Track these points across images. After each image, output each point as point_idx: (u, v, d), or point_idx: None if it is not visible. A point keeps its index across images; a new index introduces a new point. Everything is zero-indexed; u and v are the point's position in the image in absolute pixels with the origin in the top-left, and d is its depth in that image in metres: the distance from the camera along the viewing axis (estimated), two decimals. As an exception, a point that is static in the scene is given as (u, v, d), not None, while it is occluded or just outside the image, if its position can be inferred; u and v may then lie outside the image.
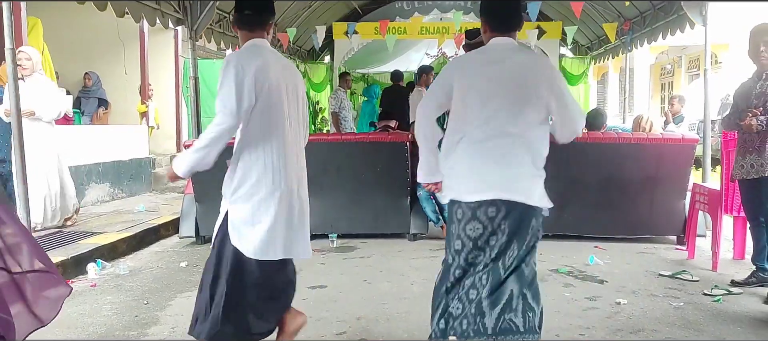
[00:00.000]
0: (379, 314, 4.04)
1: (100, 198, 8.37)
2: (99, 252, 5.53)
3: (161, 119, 11.50)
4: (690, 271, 5.00)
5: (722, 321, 3.89)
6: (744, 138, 4.43)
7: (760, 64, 4.38)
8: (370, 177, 6.25)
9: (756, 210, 4.51)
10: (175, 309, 4.24)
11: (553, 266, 5.28)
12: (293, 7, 10.83)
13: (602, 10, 10.44)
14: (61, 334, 3.74)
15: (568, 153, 6.06)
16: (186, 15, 7.45)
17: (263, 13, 3.11)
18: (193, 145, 3.08)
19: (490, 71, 2.92)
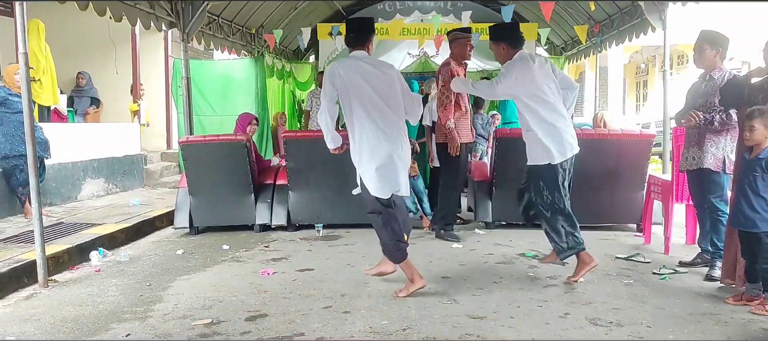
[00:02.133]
0: (362, 292, 4.50)
1: (96, 193, 8.75)
2: (100, 241, 5.93)
3: (152, 117, 11.87)
4: (644, 254, 5.52)
5: (665, 295, 4.38)
6: (688, 133, 4.95)
7: (704, 66, 4.89)
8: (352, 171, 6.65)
9: (699, 198, 5.02)
10: (176, 289, 4.66)
11: (521, 251, 5.77)
12: (279, 10, 11.24)
13: (573, 13, 10.96)
14: (74, 311, 4.16)
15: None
16: (178, 18, 7.85)
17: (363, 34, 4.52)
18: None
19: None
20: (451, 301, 4.25)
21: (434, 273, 5.00)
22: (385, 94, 4.35)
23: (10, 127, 6.57)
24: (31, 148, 4.67)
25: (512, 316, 3.93)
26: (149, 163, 10.76)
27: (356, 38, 4.48)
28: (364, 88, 4.29)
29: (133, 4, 6.94)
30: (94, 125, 10.04)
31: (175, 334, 3.68)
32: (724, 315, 3.94)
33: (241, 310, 4.10)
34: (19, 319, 4.02)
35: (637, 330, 3.67)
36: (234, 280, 4.88)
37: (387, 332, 3.66)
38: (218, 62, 12.29)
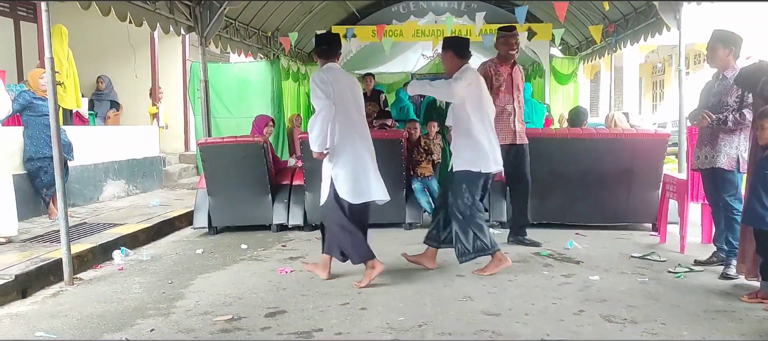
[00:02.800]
0: (378, 289, 4.58)
1: (117, 194, 8.92)
2: (122, 240, 6.08)
3: (170, 120, 12.05)
4: (659, 253, 5.55)
5: (680, 293, 4.42)
6: (701, 132, 4.98)
7: (717, 65, 4.91)
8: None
9: (714, 197, 5.04)
10: (197, 286, 4.77)
11: (535, 249, 5.82)
12: (295, 13, 11.35)
13: (588, 13, 10.96)
14: (99, 308, 4.28)
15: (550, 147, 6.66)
16: (196, 22, 7.98)
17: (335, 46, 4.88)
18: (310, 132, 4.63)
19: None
20: (466, 298, 4.31)
21: (449, 271, 5.07)
22: (358, 104, 4.83)
23: (35, 129, 6.74)
24: (57, 151, 4.81)
25: (527, 313, 3.99)
26: (168, 165, 10.93)
27: (330, 50, 4.84)
28: (346, 96, 4.67)
29: (153, 8, 7.08)
30: (114, 128, 10.23)
31: (197, 329, 3.78)
32: (739, 313, 3.97)
33: (260, 307, 4.19)
34: (48, 315, 4.15)
35: (652, 327, 3.71)
36: (253, 278, 4.98)
37: (403, 328, 3.73)
38: (234, 65, 12.44)
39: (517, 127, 5.94)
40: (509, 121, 5.90)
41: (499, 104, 5.78)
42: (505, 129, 5.87)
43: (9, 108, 5.93)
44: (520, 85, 6.01)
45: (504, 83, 5.86)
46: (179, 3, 7.64)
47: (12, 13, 10.08)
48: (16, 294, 4.59)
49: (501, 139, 5.68)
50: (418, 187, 6.99)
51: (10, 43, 10.00)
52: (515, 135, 5.95)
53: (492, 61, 5.98)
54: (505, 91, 5.87)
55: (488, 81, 5.71)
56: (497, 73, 5.85)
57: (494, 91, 5.74)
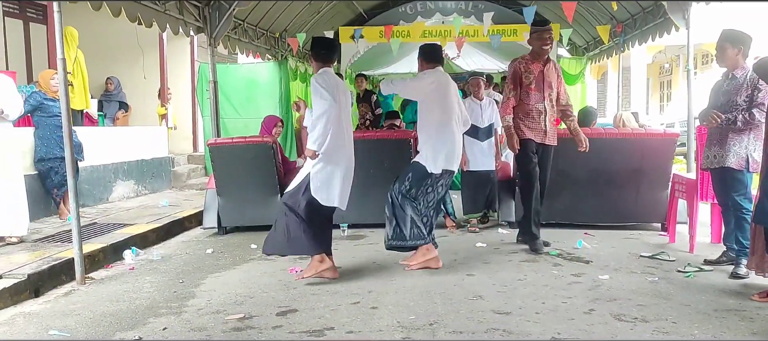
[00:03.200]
0: (388, 288, 4.59)
1: (126, 195, 8.97)
2: (132, 240, 6.12)
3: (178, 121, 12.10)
4: (669, 253, 5.54)
5: (690, 292, 4.41)
6: (710, 132, 4.97)
7: (726, 65, 4.91)
8: (377, 172, 6.76)
9: (723, 197, 5.03)
10: (208, 286, 4.80)
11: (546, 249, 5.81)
12: (303, 14, 11.40)
13: (596, 13, 10.96)
14: (111, 307, 4.31)
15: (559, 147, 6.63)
16: (206, 23, 8.03)
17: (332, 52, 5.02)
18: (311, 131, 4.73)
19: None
20: (476, 297, 4.32)
21: (459, 270, 5.08)
22: (348, 110, 4.99)
23: (45, 130, 6.79)
24: (69, 151, 4.85)
25: (537, 312, 3.99)
26: (176, 166, 10.98)
27: (328, 55, 4.96)
28: (341, 101, 4.79)
29: (163, 10, 7.13)
30: (123, 129, 10.29)
31: (210, 328, 3.81)
32: (749, 312, 3.96)
33: (271, 305, 4.22)
34: (61, 314, 4.18)
35: (663, 326, 3.71)
36: (263, 277, 5.00)
37: (414, 327, 3.75)
38: (242, 66, 12.48)
39: (547, 127, 5.72)
40: (539, 120, 5.69)
41: (530, 102, 5.66)
42: (535, 128, 5.71)
43: (21, 109, 5.97)
44: (553, 82, 5.77)
45: (534, 81, 5.67)
46: (189, 4, 7.69)
47: (21, 14, 10.15)
48: (29, 294, 4.64)
49: (534, 136, 5.70)
50: (426, 187, 7.00)
51: (19, 44, 10.07)
52: (545, 135, 5.75)
53: (523, 58, 5.82)
54: (536, 89, 5.68)
55: (517, 78, 5.65)
56: (527, 71, 5.70)
57: (524, 89, 5.65)
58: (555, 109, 5.83)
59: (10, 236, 5.73)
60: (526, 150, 5.70)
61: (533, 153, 5.71)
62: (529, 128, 5.67)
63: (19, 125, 6.78)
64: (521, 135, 5.69)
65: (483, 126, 6.86)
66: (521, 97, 5.69)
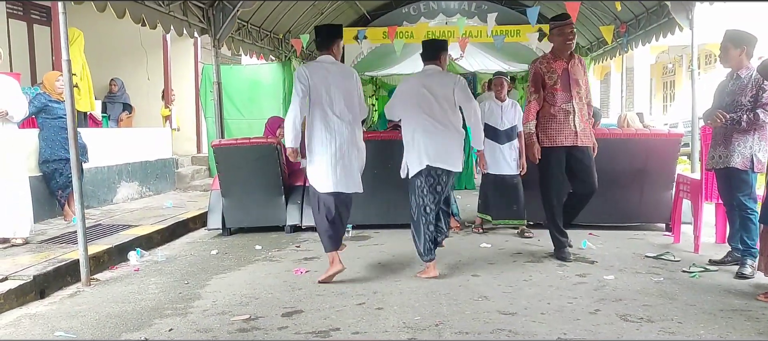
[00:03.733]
0: (393, 289, 4.59)
1: (130, 196, 8.98)
2: (137, 242, 6.12)
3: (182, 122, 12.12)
4: (673, 253, 5.53)
5: (695, 292, 4.41)
6: (715, 132, 4.97)
7: (730, 66, 4.91)
8: (382, 173, 6.75)
9: (728, 197, 5.03)
10: (213, 287, 4.80)
11: (550, 250, 5.80)
12: (306, 15, 11.40)
13: (599, 13, 10.94)
14: (117, 308, 4.32)
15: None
16: (210, 25, 8.04)
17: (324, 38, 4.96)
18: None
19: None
20: (481, 298, 4.32)
21: (464, 271, 5.08)
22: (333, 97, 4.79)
23: (50, 132, 6.81)
24: (75, 153, 4.86)
25: (543, 312, 3.99)
26: (180, 167, 11.00)
27: (321, 42, 4.98)
28: (319, 90, 4.75)
29: (167, 11, 7.14)
30: (127, 130, 10.31)
31: (215, 329, 3.81)
32: (755, 312, 3.96)
33: (277, 306, 4.22)
34: (66, 315, 4.19)
35: (668, 326, 3.71)
36: (268, 278, 5.01)
37: (420, 327, 3.75)
38: (246, 67, 12.50)
39: (578, 126, 5.29)
40: (568, 121, 5.29)
41: (556, 104, 5.29)
42: (565, 130, 5.31)
43: (26, 110, 5.99)
44: (580, 79, 5.35)
45: (559, 80, 5.27)
46: (193, 5, 7.70)
47: (25, 16, 10.17)
48: (35, 295, 4.65)
49: (561, 141, 5.28)
50: (430, 188, 6.99)
51: (23, 46, 10.08)
52: (576, 136, 5.31)
53: (544, 58, 5.44)
54: (561, 89, 5.27)
55: (539, 80, 5.33)
56: (550, 70, 5.31)
57: (548, 91, 5.30)
58: (585, 106, 5.42)
59: (14, 238, 5.74)
60: (550, 158, 5.33)
61: (558, 161, 5.32)
62: (556, 132, 5.29)
63: (24, 127, 6.79)
64: (545, 142, 5.33)
65: (503, 128, 6.59)
66: (546, 99, 5.33)
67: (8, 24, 9.61)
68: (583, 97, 5.38)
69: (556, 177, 5.38)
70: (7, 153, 5.73)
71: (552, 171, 5.36)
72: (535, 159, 5.34)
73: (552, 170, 5.36)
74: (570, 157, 5.34)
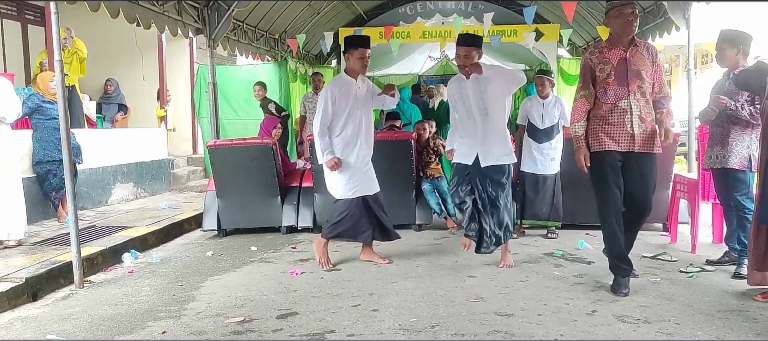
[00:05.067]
0: (389, 290, 4.56)
1: (125, 197, 8.93)
2: (132, 243, 6.08)
3: (178, 122, 12.07)
4: (670, 253, 5.51)
5: (692, 293, 4.38)
6: (712, 132, 4.95)
7: (726, 65, 4.89)
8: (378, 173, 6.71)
9: (725, 196, 5.01)
10: (208, 289, 4.77)
11: (548, 250, 5.80)
12: (302, 15, 11.37)
13: (596, 13, 10.93)
14: (110, 310, 4.28)
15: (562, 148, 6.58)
16: (205, 25, 8.01)
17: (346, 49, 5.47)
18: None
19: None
20: (478, 299, 4.29)
21: (460, 272, 5.05)
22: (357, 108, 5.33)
23: (43, 132, 6.75)
24: (68, 154, 4.82)
25: (539, 314, 3.96)
26: (176, 168, 10.94)
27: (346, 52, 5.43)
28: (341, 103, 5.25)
29: (162, 11, 7.10)
30: (122, 131, 10.25)
31: (209, 331, 3.78)
32: (752, 312, 3.93)
33: (272, 308, 4.18)
34: (58, 318, 4.15)
35: (665, 327, 3.69)
36: (263, 280, 4.97)
37: (416, 329, 3.72)
38: (241, 67, 12.45)
39: (635, 129, 4.36)
40: (623, 122, 4.37)
41: (608, 100, 4.41)
42: (617, 133, 4.39)
43: (19, 111, 5.94)
44: (644, 70, 4.39)
45: (613, 72, 4.38)
46: (187, 5, 7.66)
47: (19, 16, 10.13)
48: (27, 297, 4.60)
49: (614, 144, 4.39)
50: (427, 188, 6.97)
51: (17, 46, 10.04)
52: (632, 140, 4.37)
53: (597, 46, 4.57)
54: (616, 83, 4.38)
55: (588, 74, 4.47)
56: (602, 61, 4.42)
57: (600, 86, 4.43)
58: (650, 103, 4.45)
59: (8, 239, 5.69)
60: (601, 165, 4.43)
61: (611, 168, 4.42)
62: (607, 135, 4.39)
63: (17, 127, 6.74)
64: (594, 146, 4.44)
65: (542, 127, 6.42)
66: (597, 96, 4.46)
67: (2, 24, 9.57)
68: (647, 91, 4.42)
69: (610, 187, 4.42)
70: (0, 154, 5.68)
71: (605, 181, 4.43)
72: (582, 166, 4.46)
73: (605, 179, 4.43)
74: (623, 166, 4.46)
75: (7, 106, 5.69)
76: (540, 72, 6.84)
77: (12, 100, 5.78)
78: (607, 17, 4.48)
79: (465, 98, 5.03)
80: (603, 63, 4.41)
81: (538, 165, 6.46)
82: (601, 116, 4.42)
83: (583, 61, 4.57)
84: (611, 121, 4.39)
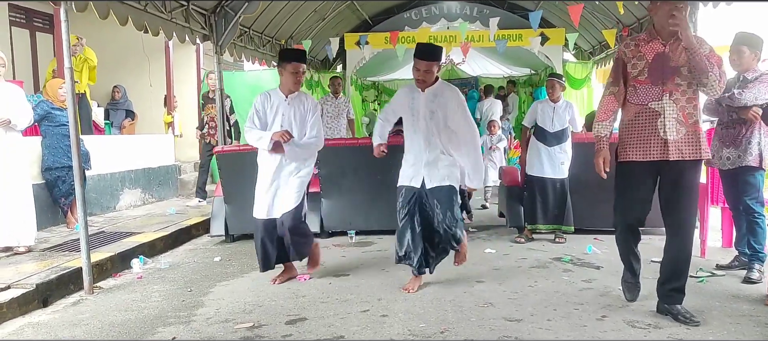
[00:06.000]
0: (398, 296, 4.56)
1: (133, 203, 8.96)
2: (140, 249, 6.10)
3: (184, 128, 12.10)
4: (679, 258, 5.48)
5: (703, 298, 4.37)
6: (722, 133, 4.93)
7: (741, 68, 4.88)
8: (384, 178, 6.72)
9: (735, 200, 4.99)
10: (216, 295, 4.77)
11: (556, 255, 5.78)
12: (308, 21, 11.41)
13: (602, 17, 10.93)
14: (120, 316, 4.29)
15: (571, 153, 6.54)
16: (212, 31, 8.04)
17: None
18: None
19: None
20: (487, 305, 4.29)
21: (469, 277, 5.05)
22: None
23: (53, 139, 6.79)
24: (78, 160, 4.84)
25: (549, 319, 3.95)
26: (183, 173, 10.97)
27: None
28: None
29: (170, 18, 7.13)
30: (130, 137, 10.28)
31: (219, 337, 3.78)
32: (764, 317, 3.92)
33: (281, 314, 4.19)
34: (69, 324, 4.16)
35: (676, 332, 3.67)
36: (272, 286, 4.97)
37: (425, 335, 3.71)
38: (248, 73, 12.49)
39: (669, 133, 3.75)
40: (655, 126, 3.79)
41: (638, 101, 3.85)
42: (646, 140, 3.82)
43: (31, 118, 5.97)
44: (683, 66, 3.73)
45: (647, 69, 3.79)
46: (195, 12, 7.69)
47: (28, 23, 10.19)
48: (37, 303, 4.62)
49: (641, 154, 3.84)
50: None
51: (26, 53, 10.10)
52: (666, 147, 3.77)
53: (632, 38, 3.96)
54: (649, 81, 3.79)
55: (620, 69, 3.94)
56: (636, 55, 3.84)
57: (629, 84, 3.90)
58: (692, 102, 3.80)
59: (18, 246, 5.71)
60: (623, 177, 4.01)
61: (634, 182, 3.96)
62: (633, 144, 3.87)
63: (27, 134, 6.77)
64: (619, 155, 3.98)
65: (553, 130, 6.39)
66: (627, 96, 3.94)
67: (11, 32, 9.62)
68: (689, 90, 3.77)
69: (627, 203, 4.06)
70: (11, 160, 5.71)
71: (624, 196, 4.06)
72: (600, 171, 3.96)
73: (624, 194, 4.06)
74: (658, 177, 3.94)
75: (20, 112, 5.73)
76: (551, 75, 6.81)
77: (24, 107, 5.83)
78: (652, 7, 3.83)
79: (415, 110, 4.78)
80: (636, 58, 3.84)
81: (547, 169, 6.43)
82: (628, 121, 3.91)
83: (616, 54, 4.04)
84: (638, 127, 3.85)
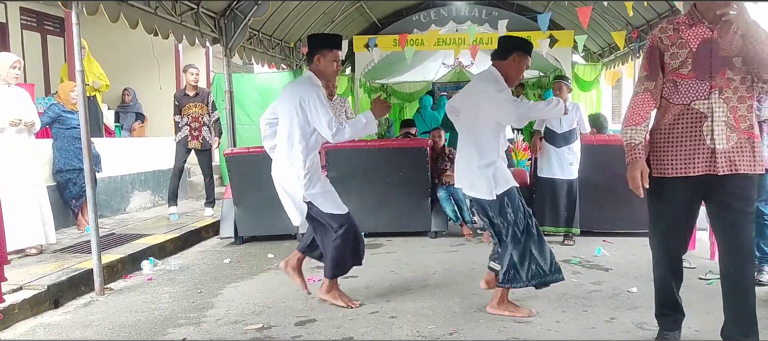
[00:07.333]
0: (407, 297, 4.57)
1: (143, 205, 9.01)
2: (150, 251, 6.14)
3: (194, 131, 12.14)
4: (689, 260, 5.44)
5: (712, 300, 4.34)
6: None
7: None
8: (394, 180, 6.77)
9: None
10: (226, 296, 4.80)
11: (565, 257, 5.75)
12: (317, 23, 11.45)
13: (610, 19, 10.91)
14: (131, 317, 4.32)
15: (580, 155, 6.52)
16: (221, 34, 8.09)
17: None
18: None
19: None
20: (496, 306, 4.29)
21: (477, 279, 5.02)
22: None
23: (64, 141, 6.84)
24: (89, 163, 4.89)
25: (558, 321, 3.96)
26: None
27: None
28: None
29: (179, 21, 7.18)
30: (140, 139, 10.35)
31: (229, 338, 3.81)
32: (773, 320, 3.90)
33: (290, 315, 4.21)
34: (80, 325, 4.20)
35: (685, 334, 3.65)
36: (281, 287, 5.00)
37: (434, 336, 3.72)
38: (257, 76, 12.54)
39: (718, 142, 3.03)
40: (700, 131, 3.08)
41: (679, 101, 3.13)
42: (692, 148, 3.10)
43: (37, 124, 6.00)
44: (735, 57, 3.03)
45: (691, 60, 3.06)
46: (204, 15, 7.74)
47: (39, 27, 10.28)
48: (49, 304, 4.67)
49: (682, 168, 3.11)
50: (443, 196, 6.97)
51: (37, 56, 10.19)
52: (714, 158, 3.05)
53: (669, 22, 3.19)
54: (693, 75, 3.07)
55: (656, 60, 3.16)
56: (676, 42, 3.10)
57: (668, 78, 3.15)
58: (746, 102, 3.07)
59: (29, 248, 5.76)
60: (659, 195, 3.25)
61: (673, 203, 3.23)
62: (671, 155, 3.14)
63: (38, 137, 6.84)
64: (654, 169, 3.21)
65: (561, 131, 6.36)
66: (663, 94, 3.19)
67: (22, 35, 9.71)
68: (743, 86, 3.05)
69: (668, 226, 3.33)
70: (27, 162, 5.77)
71: (660, 219, 3.33)
72: (637, 186, 3.17)
73: (660, 217, 3.33)
74: (705, 194, 3.22)
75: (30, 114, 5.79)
76: (558, 77, 6.81)
77: (31, 110, 5.88)
78: None
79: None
80: (677, 46, 3.09)
81: (556, 169, 6.42)
82: (666, 126, 3.17)
83: (649, 42, 3.28)
84: (678, 132, 3.12)
